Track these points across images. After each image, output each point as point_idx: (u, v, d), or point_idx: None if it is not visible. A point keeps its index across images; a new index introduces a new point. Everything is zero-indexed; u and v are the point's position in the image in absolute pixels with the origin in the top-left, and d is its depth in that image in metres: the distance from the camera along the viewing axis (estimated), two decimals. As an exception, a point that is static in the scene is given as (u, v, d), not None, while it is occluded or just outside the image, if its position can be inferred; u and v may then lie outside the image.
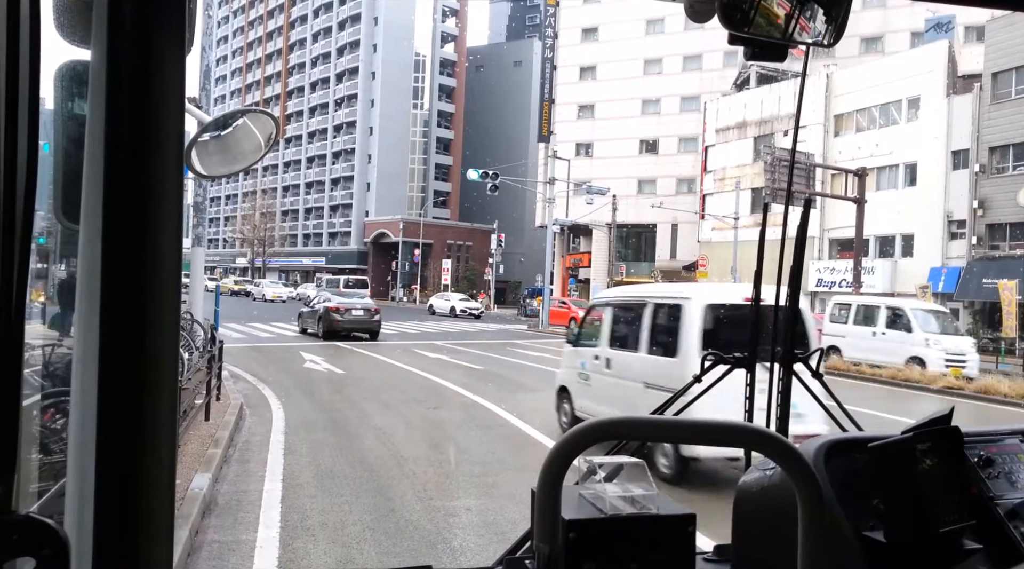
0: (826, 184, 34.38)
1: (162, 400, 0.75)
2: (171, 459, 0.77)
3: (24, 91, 0.65)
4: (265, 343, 21.72)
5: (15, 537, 0.63)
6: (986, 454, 1.38)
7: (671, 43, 51.46)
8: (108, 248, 0.73)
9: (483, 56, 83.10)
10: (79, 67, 0.89)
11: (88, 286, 0.74)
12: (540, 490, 0.89)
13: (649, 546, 1.04)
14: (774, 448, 0.90)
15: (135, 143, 0.74)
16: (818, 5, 1.11)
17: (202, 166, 2.47)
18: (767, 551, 1.26)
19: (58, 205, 0.91)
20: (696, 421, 0.95)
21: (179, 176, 0.77)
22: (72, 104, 0.92)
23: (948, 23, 34.91)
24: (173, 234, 0.76)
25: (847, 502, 1.22)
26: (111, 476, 0.73)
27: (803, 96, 2.12)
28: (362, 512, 6.18)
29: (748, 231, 34.38)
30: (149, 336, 0.75)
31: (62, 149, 0.93)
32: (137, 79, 0.74)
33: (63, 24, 0.80)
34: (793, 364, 1.91)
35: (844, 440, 1.35)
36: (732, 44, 1.12)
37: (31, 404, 2.96)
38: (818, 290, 36.26)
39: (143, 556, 0.74)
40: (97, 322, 0.73)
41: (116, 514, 0.73)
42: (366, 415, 10.78)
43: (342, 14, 75.60)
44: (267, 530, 5.63)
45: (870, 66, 36.66)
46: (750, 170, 39.44)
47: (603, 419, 0.90)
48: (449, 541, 5.58)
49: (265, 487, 6.77)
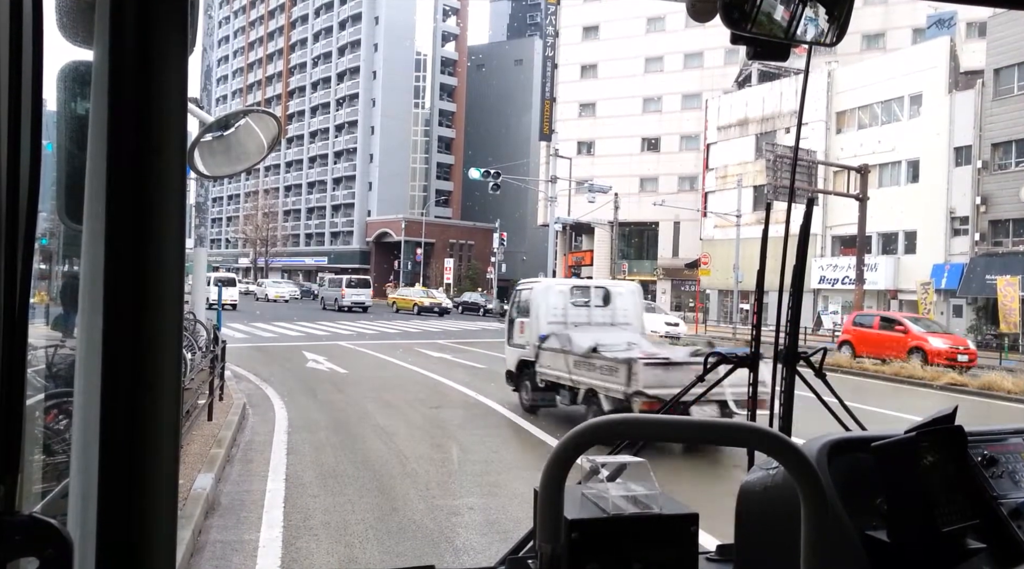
0: (828, 181, 34.34)
1: (165, 400, 0.75)
2: (174, 459, 0.77)
3: (27, 92, 0.65)
4: (268, 343, 21.74)
5: (18, 537, 0.63)
6: (989, 453, 1.38)
7: (672, 41, 51.41)
8: (111, 248, 0.73)
9: (484, 55, 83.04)
10: (82, 68, 0.89)
11: (91, 286, 0.74)
12: (543, 490, 0.89)
13: (652, 546, 1.03)
14: (777, 447, 0.90)
15: (138, 143, 0.74)
16: (820, 4, 1.10)
17: (204, 166, 2.48)
18: (770, 550, 1.25)
19: (61, 205, 0.91)
20: (699, 420, 0.95)
21: (182, 176, 0.77)
22: (75, 104, 0.92)
23: (950, 19, 34.81)
24: (176, 234, 0.76)
25: (850, 501, 1.22)
26: (114, 476, 0.73)
27: (806, 94, 2.13)
28: (365, 511, 6.19)
29: (750, 228, 34.39)
30: (152, 336, 0.74)
31: (65, 149, 0.93)
32: (139, 79, 0.74)
33: (65, 25, 0.80)
34: (796, 363, 1.90)
35: (847, 439, 1.34)
36: (734, 43, 1.12)
37: (34, 404, 2.97)
38: (821, 287, 36.24)
39: (146, 556, 0.74)
40: (100, 322, 0.73)
41: (119, 514, 0.73)
42: (368, 415, 10.79)
43: (343, 14, 75.58)
44: (270, 530, 5.64)
45: (872, 63, 36.61)
46: (752, 168, 39.40)
47: (606, 419, 0.90)
48: (452, 540, 5.58)
49: (268, 487, 6.78)
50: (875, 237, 33.91)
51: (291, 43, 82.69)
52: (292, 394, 12.33)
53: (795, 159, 2.38)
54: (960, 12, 34.47)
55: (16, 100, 0.64)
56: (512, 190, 50.04)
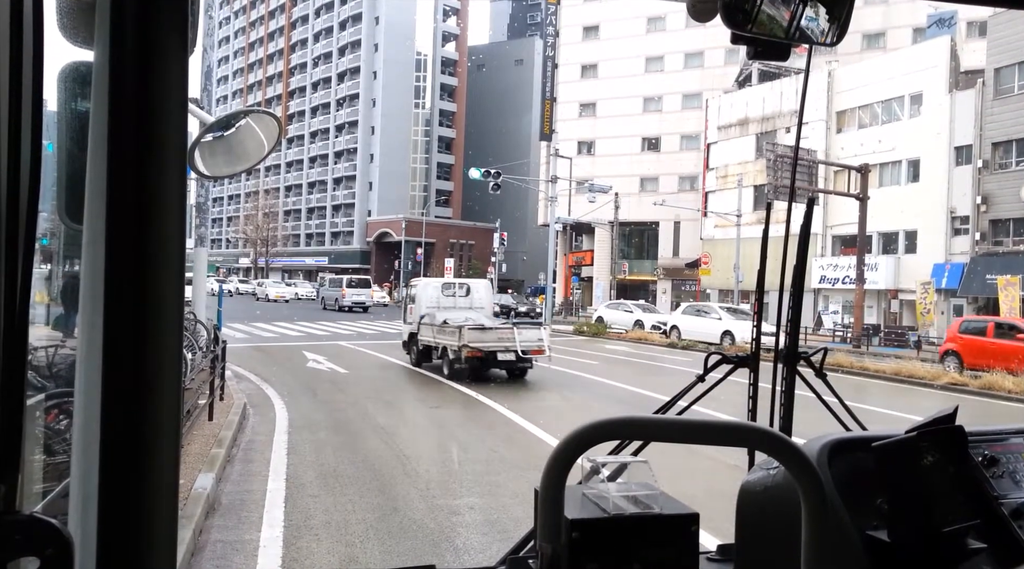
0: (829, 181, 34.32)
1: (166, 400, 0.75)
2: (175, 459, 0.77)
3: (27, 92, 0.65)
4: (268, 343, 21.75)
5: (19, 537, 0.63)
6: (990, 453, 1.37)
7: (672, 40, 51.36)
8: (111, 248, 0.73)
9: (484, 55, 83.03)
10: (82, 68, 0.89)
11: (92, 286, 0.74)
12: (543, 489, 0.89)
13: (652, 545, 1.03)
14: (777, 447, 0.90)
15: (138, 143, 0.74)
16: (820, 4, 1.10)
17: (205, 166, 2.44)
18: (770, 550, 1.25)
19: (62, 206, 0.91)
20: (700, 421, 0.94)
21: (182, 176, 0.77)
22: (75, 105, 0.92)
23: (950, 19, 34.79)
24: (176, 234, 0.76)
25: (850, 501, 1.22)
26: (115, 476, 0.73)
27: (806, 94, 2.13)
28: (365, 511, 6.19)
29: (751, 228, 34.38)
30: (153, 336, 0.74)
31: (65, 150, 0.93)
32: (139, 80, 0.74)
33: (66, 25, 0.80)
34: (797, 363, 1.89)
35: (848, 439, 1.34)
36: (735, 43, 1.12)
37: (34, 404, 2.96)
38: (821, 287, 36.22)
39: (146, 556, 0.74)
40: (101, 322, 0.73)
41: (120, 514, 0.73)
42: (369, 414, 10.79)
43: (343, 14, 75.57)
44: (271, 530, 5.64)
45: (872, 62, 36.56)
46: (752, 167, 39.37)
47: (606, 419, 0.89)
48: (452, 540, 5.59)
49: (268, 487, 6.79)
50: (875, 237, 33.87)
51: (291, 43, 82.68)
52: (292, 394, 12.33)
53: (795, 158, 2.37)
54: (960, 12, 34.46)
55: (17, 100, 0.64)
56: (512, 190, 50.02)
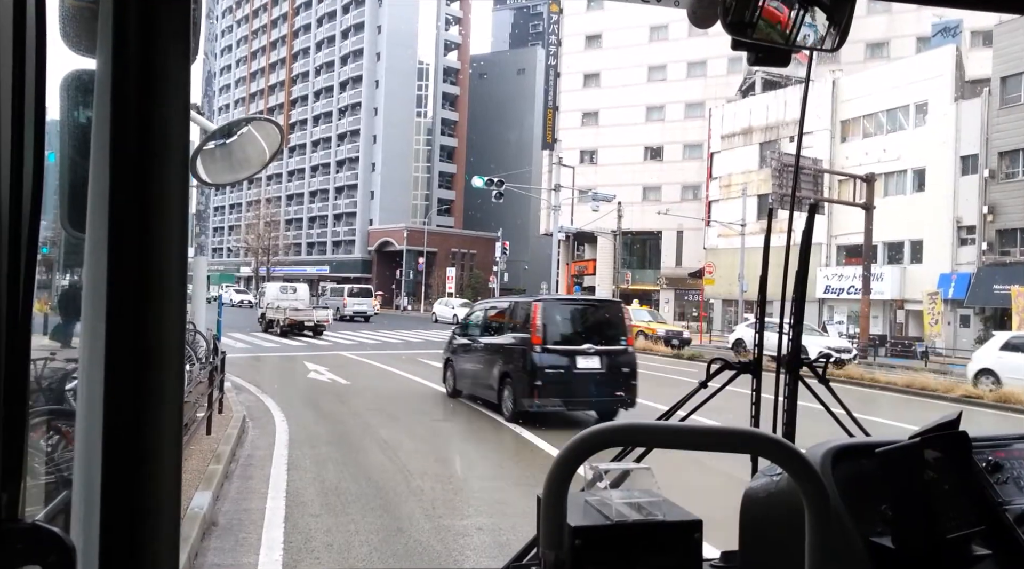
0: (834, 190, 34.20)
1: (167, 408, 0.76)
2: (176, 467, 0.77)
3: (30, 100, 0.66)
4: (269, 353, 21.56)
5: (21, 545, 0.64)
6: (994, 459, 1.37)
7: (675, 49, 51.36)
8: (114, 256, 0.74)
9: (486, 64, 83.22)
10: (84, 76, 0.89)
11: (94, 294, 0.74)
12: (546, 497, 0.89)
13: (655, 552, 1.04)
14: (781, 454, 0.90)
15: (140, 151, 0.75)
16: (820, 10, 1.11)
17: (207, 174, 2.38)
18: (774, 557, 1.26)
19: (64, 214, 0.90)
20: (702, 427, 0.93)
21: (184, 184, 0.78)
22: (78, 113, 0.92)
23: (955, 27, 34.69)
24: (177, 242, 0.77)
25: (854, 508, 1.22)
26: (116, 485, 0.73)
27: (807, 101, 2.16)
28: (369, 532, 5.94)
29: (754, 238, 34.19)
30: (154, 344, 0.75)
31: (68, 158, 0.93)
32: (142, 88, 0.75)
33: (68, 34, 0.80)
34: (799, 369, 1.90)
35: (851, 446, 1.35)
36: (735, 50, 1.12)
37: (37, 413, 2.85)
38: (826, 297, 36.00)
39: (148, 564, 0.74)
40: (103, 330, 0.73)
41: (122, 523, 0.73)
42: (371, 427, 10.55)
43: (345, 23, 75.79)
44: (269, 552, 5.39)
45: (877, 71, 36.43)
46: (756, 176, 39.24)
47: (608, 426, 0.89)
48: (460, 562, 5.33)
49: (268, 505, 6.53)
50: (881, 246, 33.67)
51: (294, 52, 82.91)
52: (293, 406, 12.09)
53: (797, 167, 2.32)
54: (966, 21, 34.35)
55: (19, 109, 0.65)
56: (514, 199, 49.91)
